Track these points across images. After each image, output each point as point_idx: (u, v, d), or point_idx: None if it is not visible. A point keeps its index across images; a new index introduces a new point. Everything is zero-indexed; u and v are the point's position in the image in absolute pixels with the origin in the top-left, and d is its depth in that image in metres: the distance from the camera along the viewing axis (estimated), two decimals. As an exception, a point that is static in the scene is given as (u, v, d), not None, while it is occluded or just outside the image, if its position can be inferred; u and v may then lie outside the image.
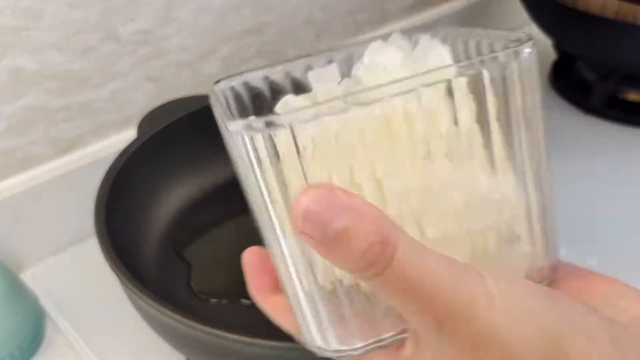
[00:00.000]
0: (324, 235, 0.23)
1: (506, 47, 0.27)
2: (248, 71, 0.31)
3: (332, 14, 0.81)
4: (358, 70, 0.30)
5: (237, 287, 0.56)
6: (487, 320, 0.24)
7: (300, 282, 0.27)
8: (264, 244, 0.29)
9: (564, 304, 0.26)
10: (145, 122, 0.62)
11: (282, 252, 0.27)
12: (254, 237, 0.64)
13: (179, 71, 0.69)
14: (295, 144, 0.25)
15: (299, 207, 0.23)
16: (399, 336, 0.28)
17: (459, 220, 0.28)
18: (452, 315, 0.24)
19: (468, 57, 0.30)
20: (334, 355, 0.28)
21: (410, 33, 0.31)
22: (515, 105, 0.27)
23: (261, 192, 0.26)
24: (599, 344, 0.25)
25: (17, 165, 0.61)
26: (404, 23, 0.90)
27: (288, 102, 0.29)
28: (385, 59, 0.29)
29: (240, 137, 0.25)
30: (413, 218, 0.27)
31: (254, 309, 0.54)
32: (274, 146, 0.25)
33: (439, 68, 0.26)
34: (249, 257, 0.34)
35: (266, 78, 0.31)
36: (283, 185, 0.26)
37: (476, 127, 0.27)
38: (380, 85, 0.25)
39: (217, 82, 0.31)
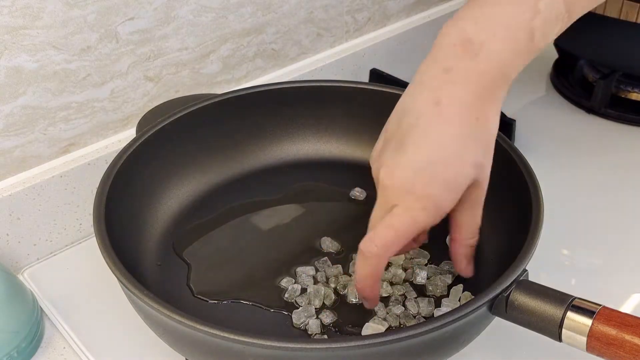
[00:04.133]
0: None
1: None
2: None
3: (332, 13, 0.81)
4: None
5: (237, 287, 0.56)
6: None
7: None
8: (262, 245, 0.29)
9: None
10: (145, 122, 0.62)
11: None
12: (254, 238, 0.65)
13: (178, 71, 0.69)
14: None
15: None
16: None
17: None
18: None
19: None
20: None
21: None
22: None
23: None
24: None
25: (15, 165, 0.61)
26: (404, 23, 0.90)
27: None
28: None
29: None
30: None
31: (253, 309, 0.53)
32: None
33: None
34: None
35: None
36: None
37: None
38: None
39: None
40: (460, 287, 0.53)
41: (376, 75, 0.82)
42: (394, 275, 0.55)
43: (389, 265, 0.56)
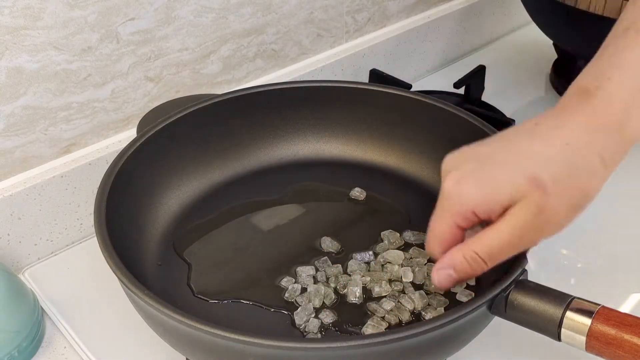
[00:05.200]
0: None
1: None
2: None
3: (332, 14, 0.81)
4: None
5: (237, 287, 0.56)
6: None
7: None
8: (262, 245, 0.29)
9: None
10: (145, 122, 0.62)
11: None
12: (254, 238, 0.65)
13: (179, 71, 0.69)
14: None
15: None
16: None
17: None
18: None
19: None
20: None
21: None
22: None
23: None
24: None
25: (16, 165, 0.61)
26: (404, 23, 0.90)
27: None
28: None
29: None
30: None
31: (253, 308, 0.54)
32: None
33: None
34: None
35: None
36: None
37: None
38: None
39: None
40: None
41: (376, 76, 0.82)
42: (392, 274, 0.55)
43: (388, 264, 0.56)
